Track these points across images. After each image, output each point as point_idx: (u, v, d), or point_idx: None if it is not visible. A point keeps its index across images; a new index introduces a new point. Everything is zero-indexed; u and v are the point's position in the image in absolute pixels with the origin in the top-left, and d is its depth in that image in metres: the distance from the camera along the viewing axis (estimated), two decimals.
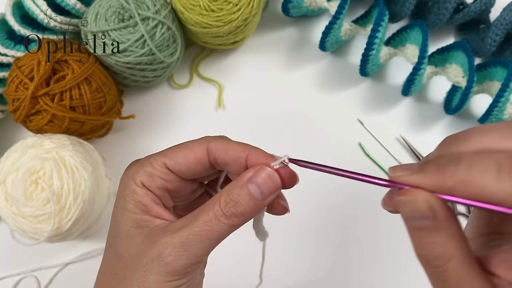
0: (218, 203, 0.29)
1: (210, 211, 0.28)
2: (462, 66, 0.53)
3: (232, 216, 0.28)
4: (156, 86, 0.60)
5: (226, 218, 0.28)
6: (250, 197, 0.28)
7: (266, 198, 0.29)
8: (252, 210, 0.29)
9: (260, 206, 0.29)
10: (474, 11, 0.55)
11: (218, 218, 0.28)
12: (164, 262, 0.28)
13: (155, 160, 0.31)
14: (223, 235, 0.29)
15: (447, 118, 0.58)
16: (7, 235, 0.50)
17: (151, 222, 0.30)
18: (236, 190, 0.29)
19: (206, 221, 0.28)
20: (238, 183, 0.29)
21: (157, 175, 0.30)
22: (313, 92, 0.59)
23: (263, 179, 0.29)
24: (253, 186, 0.28)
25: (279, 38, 0.61)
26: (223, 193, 0.29)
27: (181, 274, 0.28)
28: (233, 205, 0.28)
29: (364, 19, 0.59)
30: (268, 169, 0.29)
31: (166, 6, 0.52)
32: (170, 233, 0.28)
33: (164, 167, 0.30)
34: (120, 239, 0.30)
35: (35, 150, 0.46)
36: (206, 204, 0.29)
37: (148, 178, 0.30)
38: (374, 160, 0.56)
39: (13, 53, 0.52)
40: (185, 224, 0.29)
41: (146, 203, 0.30)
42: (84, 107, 0.49)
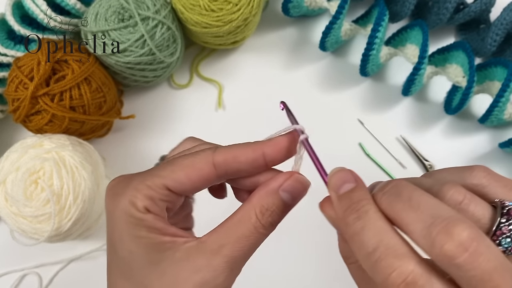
0: (254, 214, 0.28)
1: (248, 224, 0.28)
2: (462, 66, 0.53)
3: (270, 225, 0.28)
4: (156, 86, 0.60)
5: (265, 228, 0.28)
6: (284, 204, 0.28)
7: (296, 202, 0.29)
8: (284, 215, 0.29)
9: (289, 209, 0.29)
10: (474, 11, 0.55)
11: (258, 230, 0.28)
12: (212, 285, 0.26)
13: (152, 182, 0.28)
14: (259, 245, 0.28)
15: (447, 118, 0.58)
16: (7, 235, 0.50)
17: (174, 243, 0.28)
18: (269, 199, 0.28)
19: (247, 236, 0.27)
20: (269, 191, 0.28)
21: (158, 198, 0.28)
22: (313, 92, 0.59)
23: (294, 187, 0.28)
24: (286, 194, 0.28)
25: (279, 38, 0.61)
26: (255, 204, 0.28)
27: None
28: (269, 214, 0.28)
29: (364, 19, 0.59)
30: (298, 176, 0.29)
31: (166, 6, 0.52)
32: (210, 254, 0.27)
33: (165, 189, 0.28)
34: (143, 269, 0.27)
35: (35, 150, 0.46)
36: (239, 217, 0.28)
37: (151, 203, 0.28)
38: (374, 160, 0.56)
39: (13, 53, 0.52)
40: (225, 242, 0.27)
41: (160, 227, 0.28)
42: (84, 107, 0.49)
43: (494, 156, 0.56)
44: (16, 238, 0.49)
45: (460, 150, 0.57)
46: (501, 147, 0.55)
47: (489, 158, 0.56)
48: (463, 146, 0.57)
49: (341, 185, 0.25)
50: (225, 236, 0.27)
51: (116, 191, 0.29)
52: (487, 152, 0.57)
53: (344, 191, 0.25)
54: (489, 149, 0.57)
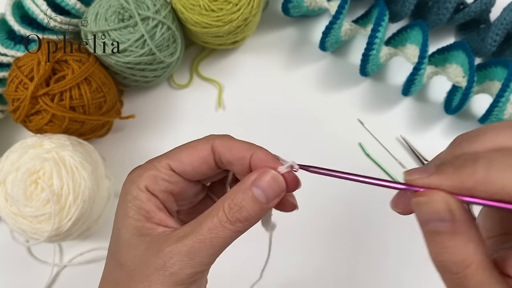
0: (222, 208, 0.28)
1: (214, 217, 0.28)
2: (463, 66, 0.53)
3: (237, 221, 0.27)
4: (156, 86, 0.60)
5: (231, 223, 0.27)
6: (254, 201, 0.28)
7: (271, 201, 0.28)
8: (257, 214, 0.28)
9: (265, 210, 0.28)
10: (474, 11, 0.55)
11: (222, 224, 0.27)
12: (169, 272, 0.27)
13: (158, 162, 0.30)
14: (228, 241, 0.28)
15: (447, 118, 0.58)
16: (7, 235, 0.50)
17: (153, 230, 0.29)
18: (240, 194, 0.28)
19: (210, 228, 0.27)
20: (241, 187, 0.28)
21: (161, 177, 0.29)
22: (313, 92, 0.59)
23: (267, 182, 0.28)
24: (258, 190, 0.28)
25: (279, 38, 0.61)
26: (226, 198, 0.28)
27: (187, 283, 0.28)
28: (237, 210, 0.27)
29: (364, 19, 0.59)
30: (272, 172, 0.28)
31: (166, 6, 0.52)
32: (174, 241, 0.28)
33: (168, 168, 0.29)
34: (122, 248, 0.29)
35: (35, 150, 0.46)
36: (210, 210, 0.28)
37: (152, 182, 0.29)
38: (374, 160, 0.56)
39: (13, 53, 0.52)
40: (189, 232, 0.28)
41: (149, 209, 0.29)
42: (84, 107, 0.49)
43: None
44: (16, 238, 0.49)
45: None
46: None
47: None
48: None
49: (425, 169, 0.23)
50: (192, 227, 0.28)
51: (133, 170, 0.31)
52: None
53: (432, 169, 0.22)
54: None
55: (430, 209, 0.22)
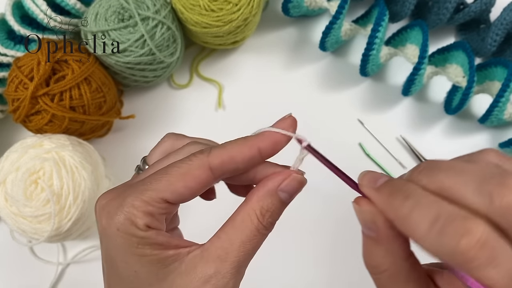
0: (255, 217, 0.27)
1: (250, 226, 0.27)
2: (463, 66, 0.53)
3: (271, 226, 0.28)
4: (156, 86, 0.60)
5: (266, 229, 0.28)
6: (282, 204, 0.28)
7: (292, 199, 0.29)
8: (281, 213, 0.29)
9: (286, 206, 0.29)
10: (474, 11, 0.55)
11: (260, 231, 0.28)
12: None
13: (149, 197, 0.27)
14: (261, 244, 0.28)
15: (447, 118, 0.58)
16: (7, 235, 0.50)
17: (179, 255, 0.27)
18: (269, 200, 0.28)
19: (251, 238, 0.27)
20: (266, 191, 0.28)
21: (158, 213, 0.27)
22: (313, 92, 0.59)
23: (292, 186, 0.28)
24: (284, 194, 0.28)
25: (279, 38, 0.61)
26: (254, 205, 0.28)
27: None
28: (269, 215, 0.28)
29: (364, 19, 0.59)
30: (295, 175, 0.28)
31: (166, 6, 0.52)
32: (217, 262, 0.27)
33: (163, 202, 0.27)
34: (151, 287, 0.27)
35: (35, 150, 0.46)
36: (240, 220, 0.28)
37: (151, 219, 0.27)
38: (374, 160, 0.56)
39: (13, 53, 0.52)
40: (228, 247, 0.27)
41: (162, 241, 0.27)
42: (84, 107, 0.49)
43: None
44: (16, 238, 0.49)
45: (460, 150, 0.56)
46: (501, 147, 0.54)
47: None
48: (463, 146, 0.57)
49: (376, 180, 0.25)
50: (229, 241, 0.27)
51: (110, 209, 0.27)
52: None
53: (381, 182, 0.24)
54: None
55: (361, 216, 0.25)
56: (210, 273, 0.26)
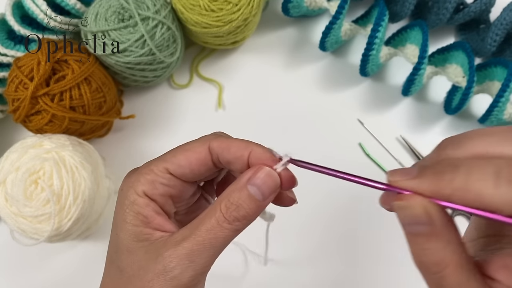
0: (219, 208, 0.28)
1: (212, 218, 0.28)
2: (462, 66, 0.53)
3: (235, 220, 0.28)
4: (156, 86, 0.60)
5: (229, 223, 0.27)
6: (251, 199, 0.28)
7: (267, 198, 0.28)
8: (254, 212, 0.28)
9: (262, 207, 0.28)
10: (474, 11, 0.55)
11: (220, 224, 0.27)
12: (170, 276, 0.27)
13: (155, 166, 0.29)
14: (227, 241, 0.28)
15: (447, 118, 0.58)
16: (7, 235, 0.50)
17: (152, 235, 0.29)
18: (236, 193, 0.28)
19: (208, 229, 0.27)
20: (237, 185, 0.28)
21: (159, 181, 0.29)
22: (313, 92, 0.59)
23: (262, 179, 0.28)
24: (253, 188, 0.28)
25: (279, 38, 0.61)
26: (222, 198, 0.28)
27: (189, 287, 0.27)
28: (234, 209, 0.27)
29: (364, 19, 0.59)
30: (266, 169, 0.28)
31: (166, 6, 0.52)
32: (173, 245, 0.27)
33: (166, 172, 0.29)
34: (121, 254, 0.29)
35: (35, 150, 0.46)
36: (207, 212, 0.28)
37: (150, 186, 0.29)
38: (374, 160, 0.56)
39: (13, 53, 0.52)
40: (188, 235, 0.28)
41: (147, 214, 0.29)
42: (84, 107, 0.49)
43: None
44: (16, 238, 0.49)
45: None
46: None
47: None
48: None
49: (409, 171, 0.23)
50: (190, 229, 0.28)
51: (128, 175, 0.31)
52: None
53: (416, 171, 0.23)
54: None
55: (409, 212, 0.23)
56: (163, 255, 0.27)
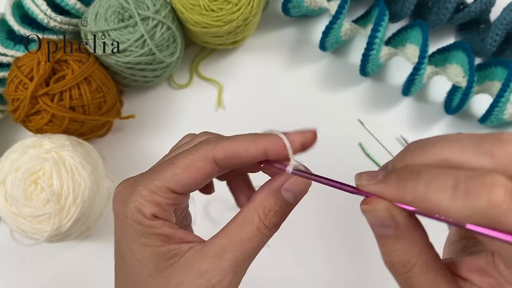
0: (257, 216, 0.27)
1: (251, 225, 0.27)
2: (463, 66, 0.53)
3: (273, 226, 0.28)
4: (156, 86, 0.60)
5: (268, 230, 0.27)
6: (286, 204, 0.28)
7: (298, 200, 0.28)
8: (287, 215, 0.28)
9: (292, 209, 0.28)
10: (475, 11, 0.55)
11: (261, 231, 0.27)
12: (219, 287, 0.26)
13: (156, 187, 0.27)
14: (262, 246, 0.28)
15: (447, 118, 0.58)
16: (7, 235, 0.50)
17: (180, 249, 0.28)
18: (272, 199, 0.28)
19: (250, 238, 0.27)
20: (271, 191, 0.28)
21: (165, 203, 0.28)
22: (313, 92, 0.59)
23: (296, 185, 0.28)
24: (288, 193, 0.28)
25: (279, 38, 0.61)
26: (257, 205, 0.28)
27: None
28: (272, 215, 0.27)
29: (364, 19, 0.59)
30: None
31: (166, 6, 0.52)
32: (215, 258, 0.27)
33: (170, 192, 0.28)
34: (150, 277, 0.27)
35: (34, 150, 0.46)
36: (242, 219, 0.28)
37: (158, 209, 0.28)
38: (374, 160, 0.56)
39: (13, 53, 0.52)
40: (227, 245, 0.27)
41: (168, 233, 0.28)
42: (83, 107, 0.49)
43: None
44: (16, 238, 0.49)
45: None
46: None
47: None
48: None
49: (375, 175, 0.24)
50: (228, 239, 0.27)
51: (123, 197, 0.28)
52: None
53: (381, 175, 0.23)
54: None
55: (375, 215, 0.23)
56: (206, 268, 0.26)
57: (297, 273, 0.53)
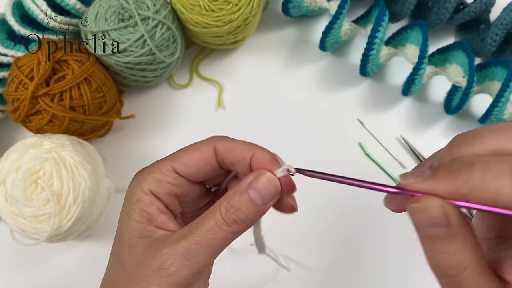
0: (218, 210, 0.28)
1: (211, 219, 0.28)
2: (462, 66, 0.53)
3: (234, 223, 0.28)
4: (156, 86, 0.60)
5: (227, 225, 0.28)
6: (251, 203, 0.28)
7: (267, 203, 0.29)
8: (253, 216, 0.28)
9: (261, 212, 0.29)
10: (474, 11, 0.55)
11: (219, 226, 0.28)
12: (166, 273, 0.27)
13: (163, 165, 0.30)
14: (225, 242, 0.28)
15: (447, 118, 0.58)
16: (7, 235, 0.50)
17: (154, 233, 0.29)
18: (237, 196, 0.28)
19: (207, 230, 0.28)
20: (238, 189, 0.28)
21: (165, 180, 0.30)
22: (313, 92, 0.59)
23: (263, 184, 0.28)
24: (253, 192, 0.28)
25: (279, 38, 0.61)
26: (223, 200, 0.28)
27: (184, 285, 0.28)
28: (234, 211, 0.28)
29: (364, 19, 0.59)
30: (268, 174, 0.28)
31: (166, 6, 0.52)
32: (171, 243, 0.28)
33: (172, 171, 0.30)
34: (124, 248, 0.30)
35: (35, 150, 0.46)
36: (207, 213, 0.29)
37: (157, 184, 0.30)
38: (374, 160, 0.56)
39: (13, 53, 0.52)
40: (187, 234, 0.28)
41: (151, 212, 0.29)
42: (84, 107, 0.49)
43: None
44: (16, 238, 0.49)
45: None
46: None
47: None
48: None
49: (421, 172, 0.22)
50: (189, 229, 0.28)
51: (137, 174, 0.31)
52: None
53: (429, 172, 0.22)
54: None
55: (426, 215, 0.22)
56: (161, 252, 0.28)
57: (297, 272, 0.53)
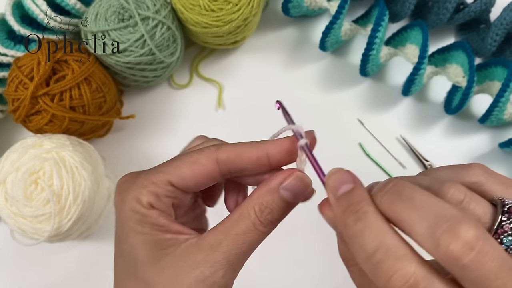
0: (253, 212, 0.28)
1: (247, 221, 0.28)
2: (463, 66, 0.53)
3: (269, 223, 0.28)
4: (156, 86, 0.60)
5: (263, 226, 0.28)
6: (284, 202, 0.28)
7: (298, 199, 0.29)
8: (285, 214, 0.29)
9: (292, 207, 0.29)
10: (474, 11, 0.55)
11: (256, 227, 0.28)
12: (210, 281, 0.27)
13: (157, 178, 0.28)
14: (259, 242, 0.28)
15: (447, 118, 0.58)
16: (7, 235, 0.50)
17: (176, 240, 0.28)
18: (269, 196, 0.28)
19: (245, 232, 0.27)
20: (268, 188, 0.28)
21: (163, 194, 0.29)
22: (313, 92, 0.59)
23: (294, 185, 0.28)
24: (286, 192, 0.28)
25: (279, 38, 0.61)
26: (254, 201, 0.28)
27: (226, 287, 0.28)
28: (268, 212, 0.28)
29: (364, 19, 0.59)
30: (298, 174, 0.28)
31: (166, 6, 0.52)
32: (209, 250, 0.27)
33: (169, 185, 0.29)
34: (144, 265, 0.28)
35: (35, 150, 0.46)
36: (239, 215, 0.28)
37: (155, 199, 0.28)
38: (374, 160, 0.56)
39: (13, 53, 0.52)
40: (223, 238, 0.27)
41: (163, 223, 0.28)
42: (84, 107, 0.49)
43: (494, 156, 0.56)
44: (16, 238, 0.49)
45: (460, 150, 0.57)
46: (501, 147, 0.55)
47: (489, 158, 0.56)
48: (463, 146, 0.57)
49: (339, 186, 0.25)
50: (224, 233, 0.28)
51: (124, 187, 0.29)
52: (487, 152, 0.57)
53: (342, 192, 0.24)
54: (489, 149, 0.57)
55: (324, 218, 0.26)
56: (199, 260, 0.27)
57: (296, 273, 0.53)
